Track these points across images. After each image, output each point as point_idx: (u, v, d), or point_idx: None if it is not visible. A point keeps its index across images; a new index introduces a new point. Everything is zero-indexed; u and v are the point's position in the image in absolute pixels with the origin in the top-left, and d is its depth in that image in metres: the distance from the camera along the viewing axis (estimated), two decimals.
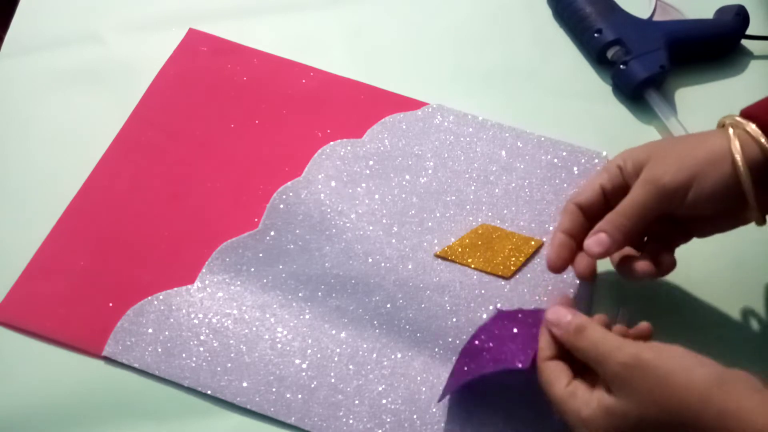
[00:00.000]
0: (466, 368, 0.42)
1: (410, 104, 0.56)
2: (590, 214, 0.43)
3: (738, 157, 0.39)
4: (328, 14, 0.62)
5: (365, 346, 0.46)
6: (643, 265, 0.42)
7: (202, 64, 0.57)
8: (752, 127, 0.39)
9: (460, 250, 0.49)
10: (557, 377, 0.37)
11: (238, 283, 0.47)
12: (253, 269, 0.48)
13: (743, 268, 0.51)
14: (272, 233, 0.49)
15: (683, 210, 0.40)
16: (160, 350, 0.44)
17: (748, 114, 0.41)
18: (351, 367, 0.45)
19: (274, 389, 0.44)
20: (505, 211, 0.51)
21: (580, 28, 0.60)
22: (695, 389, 0.32)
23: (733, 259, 0.51)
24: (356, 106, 0.56)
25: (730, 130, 0.40)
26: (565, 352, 0.39)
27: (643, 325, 0.40)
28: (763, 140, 0.39)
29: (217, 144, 0.53)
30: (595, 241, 0.41)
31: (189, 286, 0.47)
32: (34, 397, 0.43)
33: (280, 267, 0.48)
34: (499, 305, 0.47)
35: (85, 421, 0.42)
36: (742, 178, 0.39)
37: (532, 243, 0.50)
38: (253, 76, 0.57)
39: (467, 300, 0.48)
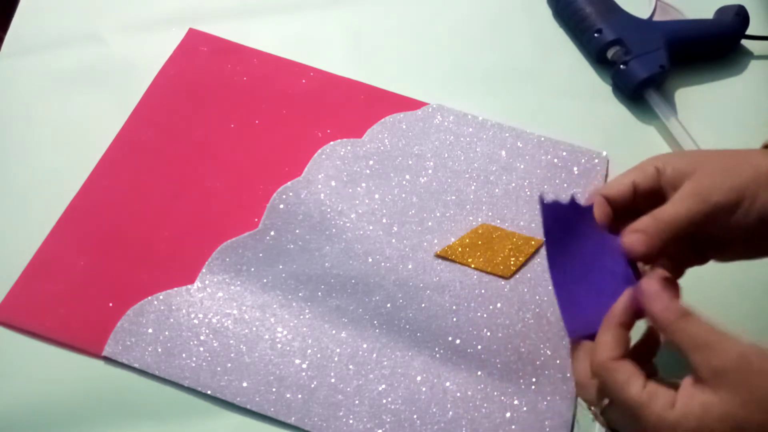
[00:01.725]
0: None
1: (410, 104, 0.56)
2: (615, 210, 0.41)
3: None
4: (328, 14, 0.62)
5: (365, 346, 0.46)
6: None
7: (202, 64, 0.57)
8: None
9: (460, 249, 0.49)
10: (632, 378, 0.33)
11: (238, 283, 0.47)
12: (253, 269, 0.48)
13: (744, 267, 0.51)
14: (272, 233, 0.49)
15: (723, 231, 0.38)
16: (160, 350, 0.44)
17: None
18: (351, 367, 0.45)
19: (274, 389, 0.44)
20: (505, 211, 0.52)
21: (580, 28, 0.61)
22: None
23: (739, 263, 0.51)
24: (356, 106, 0.56)
25: None
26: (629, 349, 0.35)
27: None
28: None
29: (217, 144, 0.53)
30: (638, 239, 0.37)
31: (189, 286, 0.47)
32: (34, 397, 0.43)
33: (280, 267, 0.48)
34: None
35: (85, 421, 0.42)
36: None
37: (532, 243, 0.50)
38: (253, 76, 0.57)
39: (467, 300, 0.48)
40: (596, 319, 0.36)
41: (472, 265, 0.49)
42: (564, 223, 0.38)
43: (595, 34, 0.59)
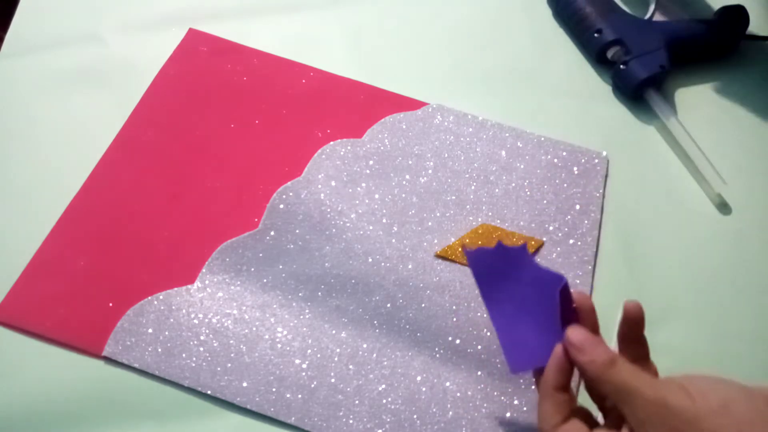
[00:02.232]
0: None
1: (410, 104, 0.56)
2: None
3: None
4: (328, 14, 0.62)
5: (365, 346, 0.46)
6: None
7: (202, 64, 0.57)
8: None
9: (460, 250, 0.49)
10: (555, 413, 0.35)
11: (238, 283, 0.47)
12: (253, 269, 0.48)
13: (744, 267, 0.51)
14: (272, 233, 0.49)
15: None
16: (160, 350, 0.44)
17: None
18: (351, 367, 0.45)
19: (274, 389, 0.44)
20: (505, 211, 0.52)
21: (580, 28, 0.61)
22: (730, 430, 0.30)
23: (735, 259, 0.51)
24: (356, 106, 0.56)
25: None
26: (567, 383, 0.36)
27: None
28: None
29: (217, 144, 0.53)
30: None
31: (189, 286, 0.47)
32: (34, 397, 0.43)
33: (280, 267, 0.48)
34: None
35: (85, 421, 0.42)
36: None
37: (533, 243, 0.50)
38: (253, 76, 0.57)
39: (467, 300, 0.48)
40: (538, 354, 0.37)
41: None
42: (493, 267, 0.39)
43: (595, 34, 0.59)
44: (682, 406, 0.31)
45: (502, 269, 0.39)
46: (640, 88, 0.57)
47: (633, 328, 0.38)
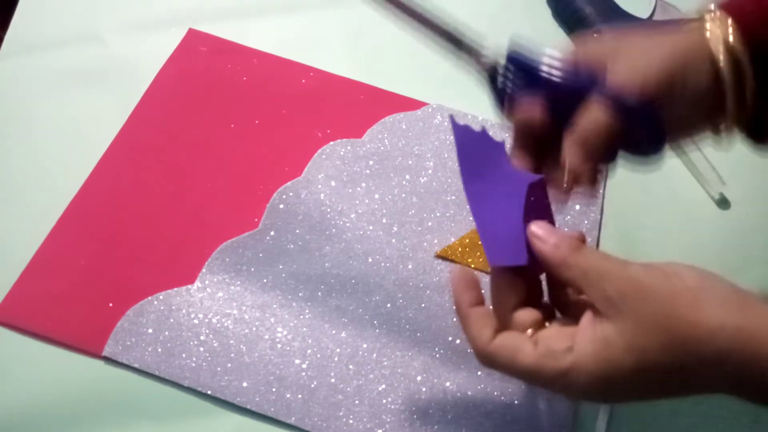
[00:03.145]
0: None
1: (410, 104, 0.56)
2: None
3: (721, 56, 0.34)
4: (328, 14, 0.62)
5: (365, 346, 0.46)
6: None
7: (202, 64, 0.57)
8: (731, 23, 0.34)
9: (460, 250, 0.49)
10: (517, 347, 0.31)
11: (238, 283, 0.47)
12: (253, 269, 0.48)
13: (744, 267, 0.51)
14: (272, 233, 0.49)
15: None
16: (160, 350, 0.44)
17: (727, 7, 0.35)
18: (351, 367, 0.45)
19: (274, 389, 0.44)
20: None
21: (580, 28, 0.60)
22: (706, 311, 0.28)
23: (735, 259, 0.51)
24: (356, 106, 0.56)
25: (708, 24, 0.35)
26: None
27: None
28: (731, 40, 0.34)
29: (217, 144, 0.53)
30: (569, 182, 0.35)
31: (189, 286, 0.47)
32: (34, 397, 0.43)
33: (280, 267, 0.48)
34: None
35: (85, 421, 0.42)
36: (725, 79, 0.34)
37: None
38: (253, 76, 0.57)
39: None
40: (513, 251, 0.34)
41: (472, 265, 0.49)
42: (476, 148, 0.37)
43: (595, 35, 0.59)
44: (657, 284, 0.29)
45: (484, 155, 0.37)
46: None
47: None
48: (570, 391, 0.31)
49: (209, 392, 0.43)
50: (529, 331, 0.32)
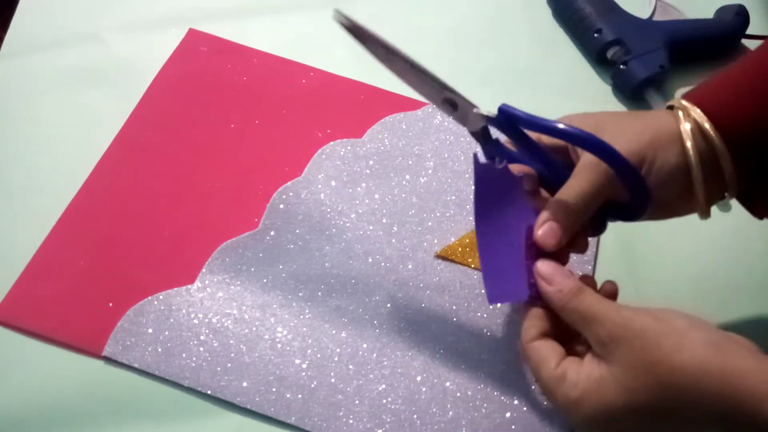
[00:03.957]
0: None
1: (410, 104, 0.56)
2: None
3: (689, 143, 0.36)
4: (328, 14, 0.61)
5: (365, 346, 0.46)
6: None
7: (202, 64, 0.57)
8: (697, 112, 0.37)
9: (460, 250, 0.49)
10: (545, 358, 0.34)
11: (238, 283, 0.47)
12: (253, 269, 0.48)
13: (744, 267, 0.51)
14: (272, 233, 0.49)
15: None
16: (160, 350, 0.44)
17: (691, 98, 0.38)
18: (351, 367, 0.45)
19: (274, 389, 0.44)
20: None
21: (580, 28, 0.61)
22: (689, 352, 0.30)
23: (735, 259, 0.51)
24: (356, 106, 0.56)
25: (680, 113, 0.38)
26: (551, 328, 0.36)
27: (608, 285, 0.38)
28: (707, 126, 0.36)
29: (217, 144, 0.53)
30: (548, 232, 0.37)
31: (189, 286, 0.47)
32: (34, 397, 0.43)
33: (280, 267, 0.48)
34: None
35: (85, 421, 0.42)
36: (692, 166, 0.36)
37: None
38: (253, 76, 0.57)
39: (467, 300, 0.48)
40: (513, 289, 0.37)
41: (472, 265, 0.49)
42: (493, 186, 0.38)
43: (595, 34, 0.59)
44: (646, 327, 0.31)
45: (501, 192, 0.38)
46: (640, 88, 0.57)
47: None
48: (572, 420, 0.34)
49: (209, 392, 0.43)
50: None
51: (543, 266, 0.36)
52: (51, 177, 0.51)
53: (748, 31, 0.60)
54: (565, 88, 0.59)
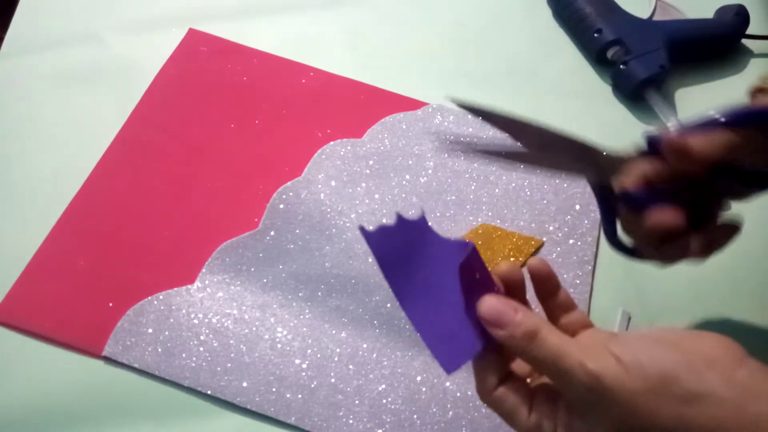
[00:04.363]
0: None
1: (410, 104, 0.56)
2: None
3: None
4: (328, 14, 0.62)
5: (365, 346, 0.46)
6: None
7: (202, 64, 0.57)
8: None
9: None
10: (514, 409, 0.32)
11: (238, 283, 0.47)
12: (253, 269, 0.48)
13: (744, 267, 0.51)
14: (272, 233, 0.49)
15: (754, 161, 0.35)
16: (160, 350, 0.44)
17: None
18: (351, 367, 0.45)
19: (274, 389, 0.44)
20: (505, 211, 0.51)
21: (580, 28, 0.61)
22: (666, 412, 0.28)
23: (735, 259, 0.51)
24: (356, 106, 0.56)
25: None
26: (508, 365, 0.33)
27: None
28: None
29: (217, 144, 0.53)
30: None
31: (189, 286, 0.47)
32: (34, 397, 0.43)
33: (280, 267, 0.48)
34: None
35: (85, 421, 0.42)
36: None
37: (532, 243, 0.50)
38: (253, 76, 0.57)
39: None
40: (467, 344, 0.32)
41: None
42: (398, 248, 0.33)
43: (595, 34, 0.59)
44: (617, 384, 0.29)
45: (408, 249, 0.33)
46: (640, 88, 0.57)
47: (546, 285, 0.36)
48: None
49: (209, 392, 0.43)
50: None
51: (485, 306, 0.32)
52: (51, 177, 0.51)
53: (748, 31, 0.61)
54: (565, 88, 0.59)
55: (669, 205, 0.35)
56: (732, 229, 0.38)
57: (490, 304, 0.32)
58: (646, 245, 0.37)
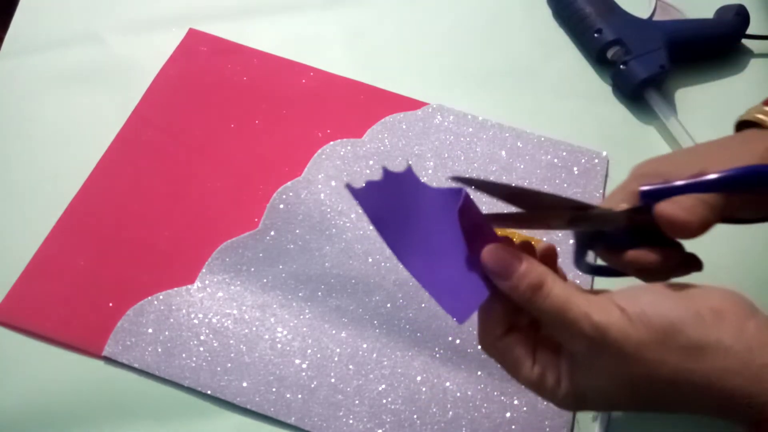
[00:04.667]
0: None
1: (410, 104, 0.56)
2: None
3: None
4: (328, 14, 0.62)
5: (365, 346, 0.46)
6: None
7: (202, 64, 0.57)
8: None
9: None
10: (518, 360, 0.31)
11: (238, 283, 0.47)
12: (253, 269, 0.48)
13: (744, 267, 0.51)
14: (272, 233, 0.49)
15: (750, 214, 0.37)
16: (160, 350, 0.44)
17: None
18: (351, 367, 0.45)
19: (274, 389, 0.44)
20: (506, 211, 0.51)
21: (580, 28, 0.61)
22: (672, 365, 0.28)
23: (735, 259, 0.51)
24: (356, 106, 0.56)
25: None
26: (515, 315, 0.32)
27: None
28: None
29: (217, 144, 0.53)
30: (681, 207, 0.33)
31: (189, 286, 0.47)
32: (34, 397, 0.43)
33: (280, 267, 0.48)
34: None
35: (85, 421, 0.42)
36: None
37: (532, 243, 0.50)
38: (253, 76, 0.57)
39: None
40: (474, 292, 0.31)
41: None
42: (389, 202, 0.32)
43: (595, 34, 0.59)
44: (623, 337, 0.28)
45: (399, 202, 0.32)
46: (640, 88, 0.57)
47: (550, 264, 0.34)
48: (560, 407, 0.32)
49: (209, 392, 0.43)
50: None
51: (488, 256, 0.30)
52: (51, 177, 0.51)
53: (749, 31, 0.60)
54: (565, 88, 0.59)
55: (647, 246, 0.35)
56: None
57: (494, 253, 0.31)
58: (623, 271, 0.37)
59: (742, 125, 0.41)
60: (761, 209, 0.37)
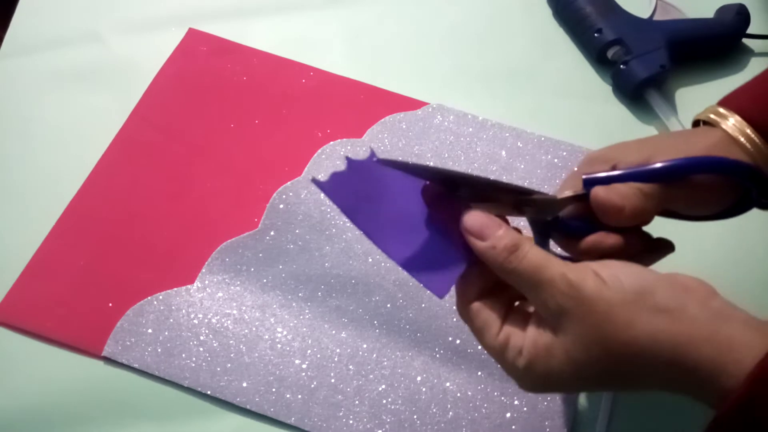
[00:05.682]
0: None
1: (410, 104, 0.56)
2: None
3: (747, 143, 0.36)
4: (328, 14, 0.62)
5: (365, 346, 0.46)
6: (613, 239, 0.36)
7: (202, 64, 0.57)
8: (737, 118, 0.37)
9: None
10: (486, 324, 0.32)
11: (238, 283, 0.47)
12: (253, 269, 0.48)
13: (745, 267, 0.51)
14: (272, 233, 0.49)
15: (686, 209, 0.38)
16: (159, 350, 0.44)
17: (727, 105, 0.38)
18: (351, 367, 0.45)
19: (274, 389, 0.44)
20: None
21: (580, 28, 0.60)
22: (641, 326, 0.29)
23: (735, 259, 0.51)
24: (356, 106, 0.56)
25: (730, 120, 0.37)
26: (491, 282, 0.33)
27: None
28: (748, 131, 0.37)
29: (217, 144, 0.53)
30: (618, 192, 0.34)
31: (189, 286, 0.47)
32: (34, 397, 0.43)
33: (280, 267, 0.48)
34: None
35: (85, 421, 0.42)
36: (756, 158, 0.36)
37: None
38: (253, 76, 0.57)
39: None
40: (451, 264, 0.32)
41: None
42: (354, 186, 0.33)
43: (595, 34, 0.59)
44: (596, 295, 0.29)
45: (366, 189, 0.33)
46: (641, 88, 0.57)
47: None
48: (520, 383, 0.32)
49: (209, 392, 0.43)
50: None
51: (470, 219, 0.32)
52: (51, 177, 0.51)
53: (749, 31, 0.60)
54: (565, 88, 0.59)
55: (604, 231, 0.36)
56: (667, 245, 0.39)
57: (475, 216, 0.32)
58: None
59: (698, 124, 0.41)
60: (700, 205, 0.38)
